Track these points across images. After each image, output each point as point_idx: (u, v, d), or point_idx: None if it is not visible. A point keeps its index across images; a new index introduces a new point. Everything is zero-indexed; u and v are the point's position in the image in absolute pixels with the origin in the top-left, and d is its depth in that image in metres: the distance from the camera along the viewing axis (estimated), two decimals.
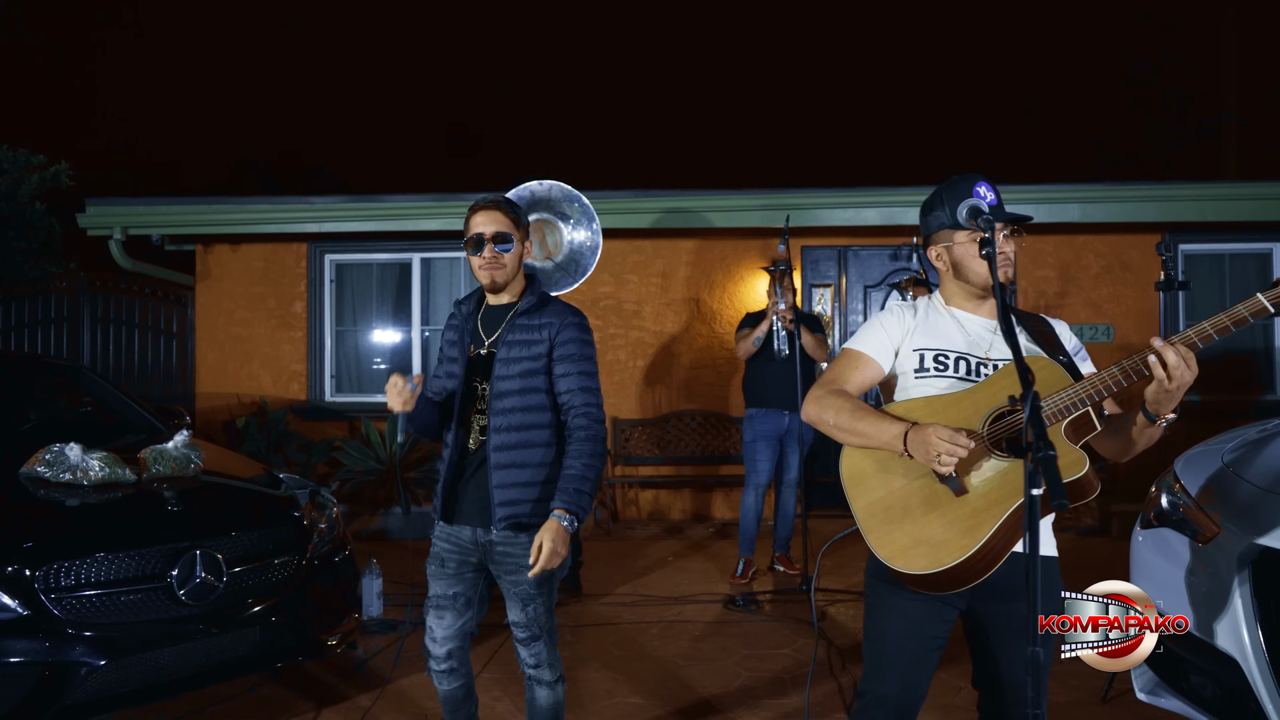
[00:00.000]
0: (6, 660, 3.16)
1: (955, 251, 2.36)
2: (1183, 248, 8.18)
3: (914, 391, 2.34)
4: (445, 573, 2.83)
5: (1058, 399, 2.10)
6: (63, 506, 3.64)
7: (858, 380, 2.40)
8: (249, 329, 8.55)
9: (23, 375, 5.69)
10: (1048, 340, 2.32)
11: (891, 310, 2.47)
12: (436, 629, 2.85)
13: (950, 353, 2.34)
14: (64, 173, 10.41)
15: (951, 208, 2.34)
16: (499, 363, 2.78)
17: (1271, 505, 2.55)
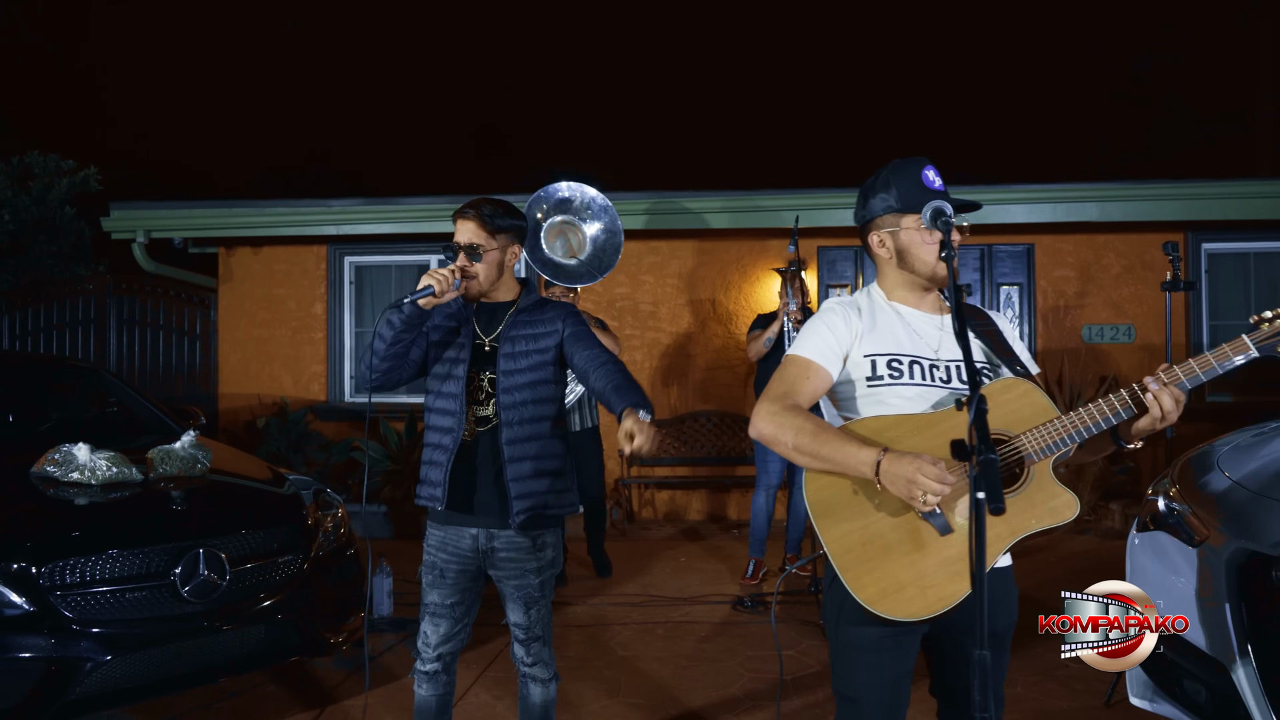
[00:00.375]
0: (13, 655, 3.23)
1: (902, 238, 2.20)
2: (1205, 246, 8.07)
3: (869, 401, 2.17)
4: (444, 582, 2.85)
5: (1047, 434, 1.98)
6: (70, 505, 3.71)
7: (809, 392, 2.18)
8: (270, 330, 8.66)
9: (44, 376, 5.81)
10: (996, 342, 2.21)
11: (835, 310, 2.25)
12: (432, 635, 2.88)
13: (903, 357, 2.17)
14: (93, 177, 10.63)
15: (901, 191, 2.19)
16: (504, 357, 2.80)
17: (1261, 508, 2.51)
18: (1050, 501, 1.95)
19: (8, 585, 3.26)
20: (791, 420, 2.06)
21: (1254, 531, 2.45)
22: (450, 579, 2.84)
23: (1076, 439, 1.97)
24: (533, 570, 2.80)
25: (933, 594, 1.93)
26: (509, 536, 2.78)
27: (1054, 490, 1.97)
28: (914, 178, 2.18)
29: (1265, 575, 2.37)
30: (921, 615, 1.93)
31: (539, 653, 2.87)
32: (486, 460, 2.79)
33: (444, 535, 2.84)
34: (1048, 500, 1.95)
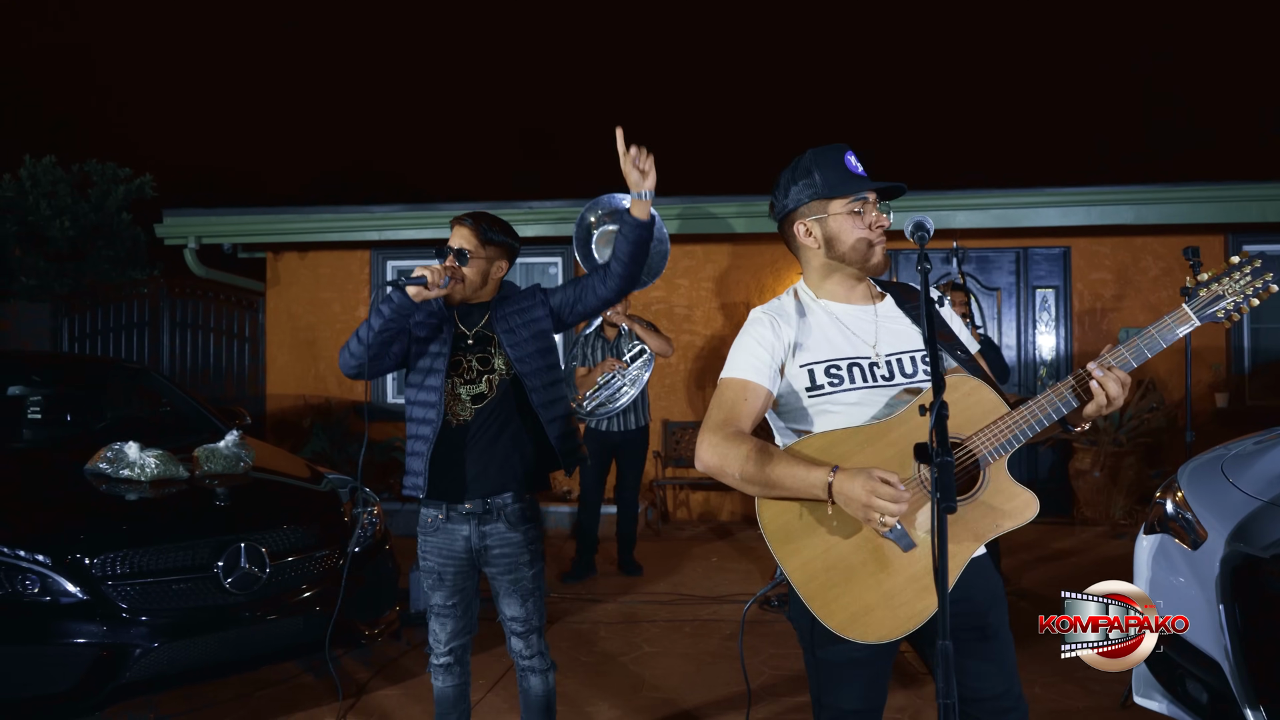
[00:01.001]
0: (68, 641, 3.44)
1: (830, 225, 2.10)
2: (1246, 248, 7.96)
3: (813, 412, 2.08)
4: (444, 585, 2.99)
5: (997, 433, 1.93)
6: (121, 500, 3.93)
7: (751, 414, 2.06)
8: (315, 333, 8.91)
9: (98, 377, 6.07)
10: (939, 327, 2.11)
11: (762, 320, 2.13)
12: (441, 633, 3.03)
13: (841, 361, 2.08)
14: (148, 184, 10.99)
15: (825, 177, 2.10)
16: (507, 335, 2.97)
17: (1257, 512, 2.56)
18: (1009, 503, 1.94)
19: (64, 575, 3.47)
20: (735, 449, 1.97)
21: (1248, 535, 2.51)
22: (449, 580, 2.99)
23: (1027, 434, 1.93)
24: (525, 563, 2.95)
25: (903, 613, 1.90)
26: (500, 533, 2.93)
27: (1012, 491, 1.94)
28: (836, 162, 2.11)
29: (1257, 577, 2.43)
30: (893, 636, 1.91)
31: (536, 644, 3.01)
32: (488, 434, 2.93)
33: (437, 540, 2.98)
34: (1006, 502, 1.94)
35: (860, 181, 2.11)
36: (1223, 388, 7.91)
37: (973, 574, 2.03)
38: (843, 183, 2.09)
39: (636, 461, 6.28)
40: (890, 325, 2.17)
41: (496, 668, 4.45)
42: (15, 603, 3.41)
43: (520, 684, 3.07)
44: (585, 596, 5.78)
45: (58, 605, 3.46)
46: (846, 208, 2.09)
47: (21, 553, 3.47)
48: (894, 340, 2.14)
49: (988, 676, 2.06)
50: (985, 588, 2.09)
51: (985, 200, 7.75)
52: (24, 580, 3.45)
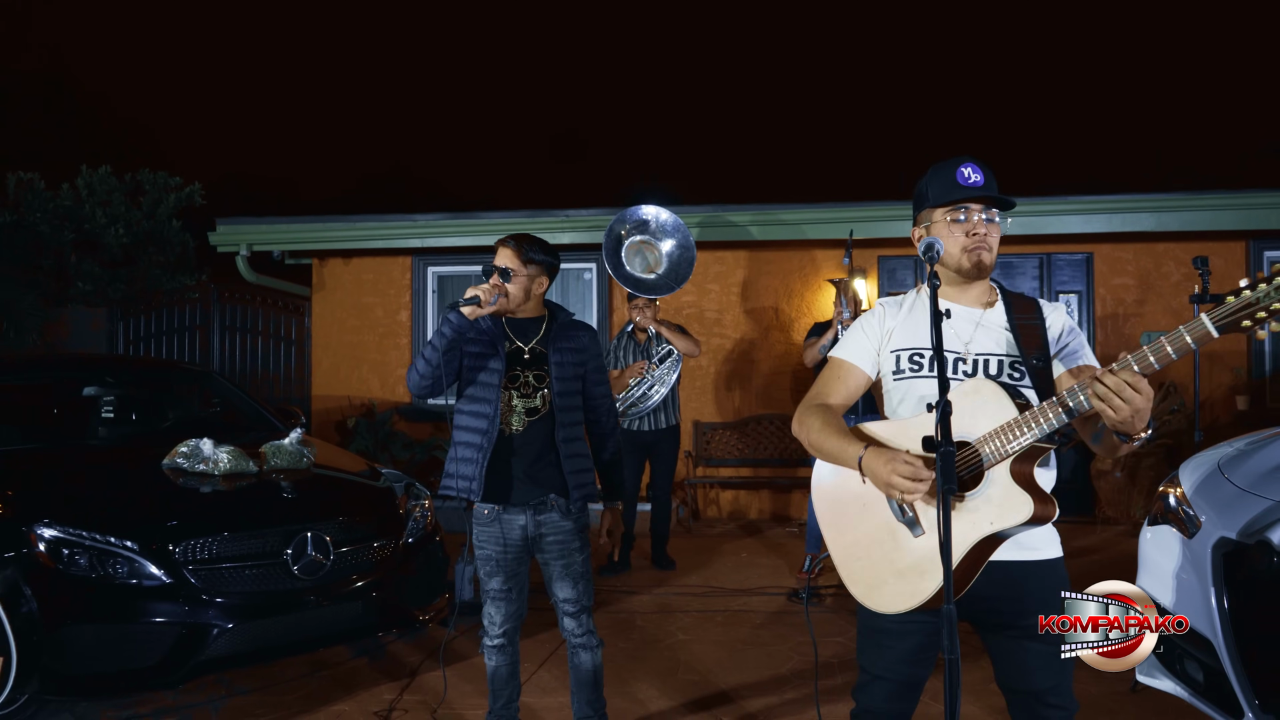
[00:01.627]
0: (153, 620, 3.75)
1: (934, 231, 2.30)
2: (1268, 254, 8.13)
3: (896, 393, 2.33)
4: (500, 570, 3.28)
5: (999, 437, 2.04)
6: (197, 492, 4.25)
7: (843, 391, 2.37)
8: (359, 336, 9.26)
9: (162, 379, 6.43)
10: (1029, 335, 2.25)
11: (875, 310, 2.42)
12: (496, 615, 3.33)
13: (925, 351, 2.28)
14: (197, 192, 11.40)
15: (934, 188, 2.28)
16: (555, 362, 3.27)
17: (1245, 503, 2.79)
18: (1006, 503, 2.04)
19: (150, 560, 3.79)
20: (811, 419, 2.31)
21: (1237, 524, 2.74)
22: (506, 566, 3.27)
23: (1027, 441, 2.01)
24: (577, 549, 3.26)
25: (908, 589, 2.11)
26: (554, 521, 3.22)
27: (1010, 492, 2.04)
28: (948, 175, 2.28)
29: (1243, 562, 2.66)
30: (901, 609, 2.12)
31: (586, 623, 3.30)
32: (537, 446, 3.22)
33: (495, 530, 3.25)
34: (1004, 501, 2.04)
35: (961, 191, 2.26)
36: (1244, 390, 8.06)
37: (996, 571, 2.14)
38: (946, 193, 2.28)
39: (668, 459, 6.56)
40: (990, 330, 2.32)
41: (543, 650, 4.73)
42: (107, 584, 3.73)
43: (571, 660, 3.35)
44: (622, 589, 6.05)
45: (144, 587, 3.77)
46: (946, 216, 2.28)
47: (112, 539, 3.80)
48: (988, 343, 2.30)
49: (1036, 672, 2.22)
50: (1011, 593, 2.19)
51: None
52: (114, 564, 3.77)
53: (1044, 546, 2.26)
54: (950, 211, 2.29)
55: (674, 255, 6.93)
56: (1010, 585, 2.18)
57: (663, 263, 6.93)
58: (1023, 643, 2.22)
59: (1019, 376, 2.26)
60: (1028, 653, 2.22)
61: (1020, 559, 2.21)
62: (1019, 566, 2.20)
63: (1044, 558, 2.24)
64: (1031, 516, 2.02)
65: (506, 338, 3.30)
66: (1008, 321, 2.30)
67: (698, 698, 4.20)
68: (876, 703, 2.35)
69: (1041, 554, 2.24)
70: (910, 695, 2.35)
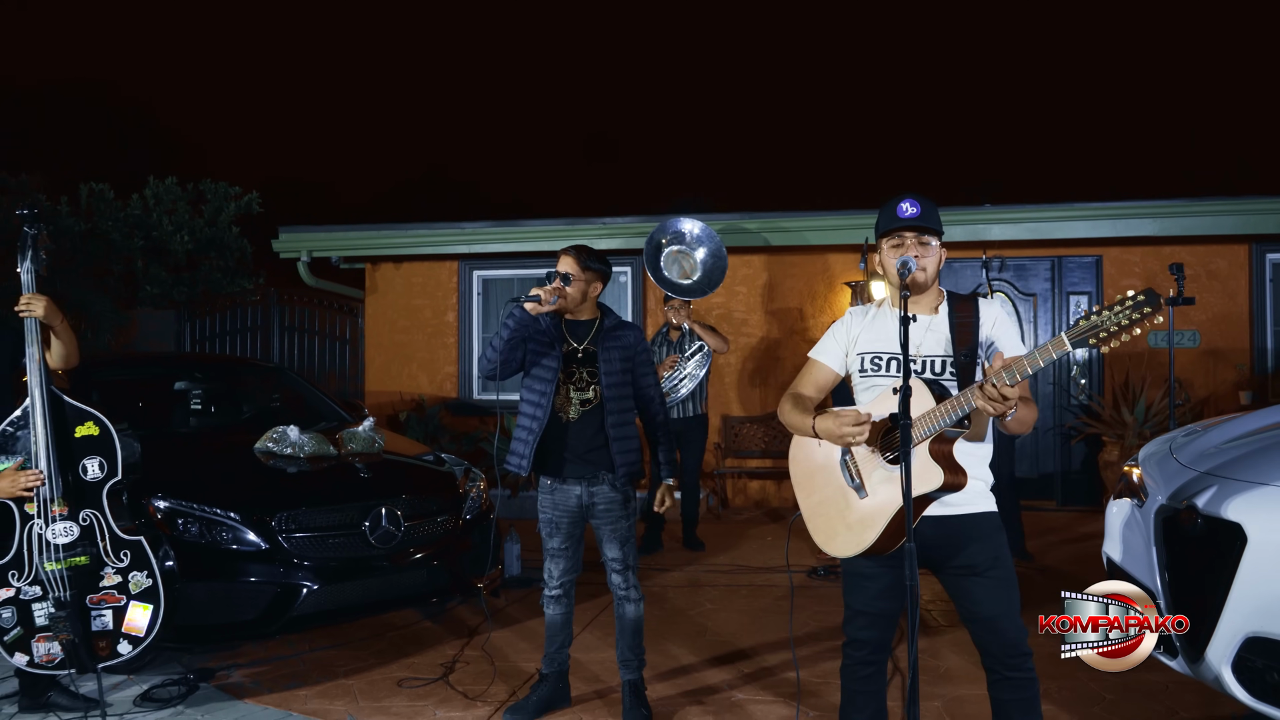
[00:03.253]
0: (256, 580, 4.38)
1: (881, 258, 2.86)
2: (1270, 256, 8.54)
3: (862, 387, 2.87)
4: (559, 531, 3.90)
5: (920, 424, 2.55)
6: (286, 472, 4.87)
7: (813, 383, 2.96)
8: (409, 336, 9.90)
9: (238, 374, 7.10)
10: (963, 334, 2.76)
11: (844, 318, 2.98)
12: (555, 570, 3.94)
13: (884, 354, 2.81)
14: (255, 201, 12.10)
15: (879, 221, 2.82)
16: (604, 359, 3.85)
17: (1182, 476, 3.30)
18: (923, 473, 2.56)
19: (251, 529, 4.42)
20: (785, 404, 2.96)
21: (1174, 493, 3.24)
22: (564, 528, 3.89)
23: (937, 428, 2.54)
24: (623, 516, 3.86)
25: (855, 539, 2.71)
26: (605, 493, 3.83)
27: (927, 465, 2.57)
28: (890, 210, 2.82)
29: (1176, 523, 3.17)
30: (850, 554, 2.74)
31: (630, 579, 3.90)
32: (590, 431, 3.83)
33: (554, 497, 3.89)
34: (921, 472, 2.56)
35: (898, 222, 2.80)
36: (1247, 386, 8.47)
37: (935, 524, 2.70)
38: (886, 224, 2.84)
39: (696, 446, 7.13)
40: (937, 332, 2.82)
41: (587, 615, 5.31)
42: (215, 550, 4.36)
43: (616, 611, 3.93)
44: (654, 567, 6.61)
45: (245, 552, 4.40)
46: (886, 243, 2.84)
47: (218, 511, 4.43)
48: (934, 345, 2.81)
49: (979, 601, 2.75)
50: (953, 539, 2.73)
51: (1019, 215, 8.46)
52: (220, 532, 4.40)
53: (977, 502, 2.76)
54: (889, 239, 2.83)
55: (708, 263, 7.60)
56: (951, 535, 2.74)
57: (697, 270, 7.60)
58: (968, 579, 2.76)
59: (952, 373, 2.78)
60: (973, 586, 2.76)
61: (957, 513, 2.73)
62: (955, 520, 2.74)
63: (976, 511, 2.76)
64: (942, 484, 2.57)
65: (563, 339, 3.88)
66: (949, 323, 2.84)
67: (722, 654, 4.76)
68: (860, 632, 2.92)
69: (974, 508, 2.76)
70: (886, 625, 2.91)
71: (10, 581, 3.65)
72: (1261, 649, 2.84)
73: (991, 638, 2.75)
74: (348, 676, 4.47)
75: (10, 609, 3.65)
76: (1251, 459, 3.19)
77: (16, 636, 3.66)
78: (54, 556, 3.67)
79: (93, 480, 3.78)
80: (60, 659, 3.68)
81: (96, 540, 3.76)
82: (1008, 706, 2.78)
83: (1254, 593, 2.84)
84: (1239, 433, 3.53)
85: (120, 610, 3.76)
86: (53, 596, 3.66)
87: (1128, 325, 2.38)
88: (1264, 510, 2.87)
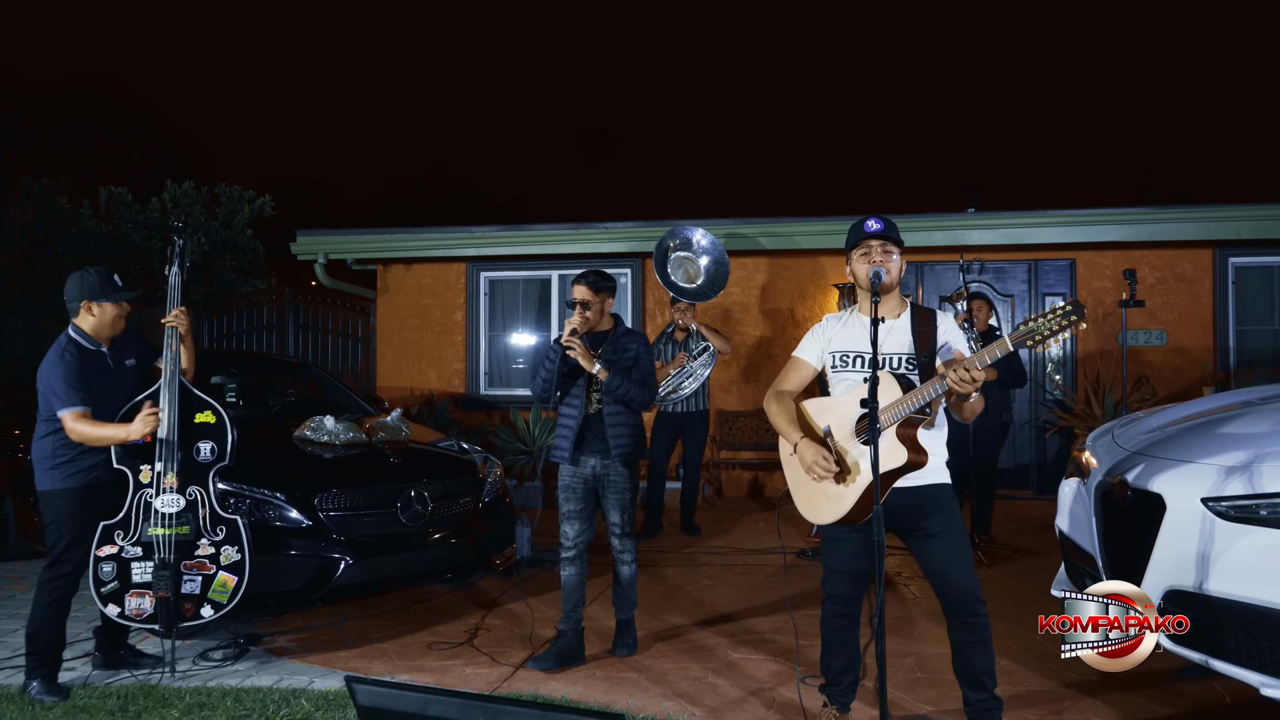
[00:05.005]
0: (298, 554, 4.86)
1: (852, 264, 3.36)
2: (1233, 260, 9.08)
3: (834, 380, 3.42)
4: (574, 496, 4.52)
5: (888, 411, 3.03)
6: (323, 458, 5.36)
7: (795, 379, 3.48)
8: (419, 334, 10.39)
9: (266, 370, 7.58)
10: (923, 339, 3.25)
11: (822, 322, 3.52)
12: (570, 532, 4.52)
13: (851, 353, 3.36)
14: (268, 204, 12.56)
15: (850, 236, 3.34)
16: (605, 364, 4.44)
17: (1118, 455, 3.81)
18: (891, 452, 3.05)
19: (295, 507, 4.91)
20: (772, 405, 3.46)
21: (1110, 470, 3.76)
22: (579, 493, 4.51)
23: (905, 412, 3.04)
24: (627, 488, 4.48)
25: (833, 509, 3.22)
26: (612, 466, 4.44)
27: (894, 445, 3.07)
28: (859, 226, 3.35)
29: (1110, 496, 3.69)
30: (829, 520, 3.25)
31: (626, 544, 4.51)
32: (599, 425, 4.48)
33: (574, 469, 4.52)
34: (889, 451, 3.05)
35: (865, 235, 3.31)
36: (1210, 382, 9.01)
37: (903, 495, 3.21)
38: (855, 237, 3.36)
39: (698, 438, 7.64)
40: (897, 334, 3.33)
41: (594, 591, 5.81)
42: (264, 526, 4.83)
43: (616, 571, 4.51)
44: (654, 549, 7.12)
45: (291, 529, 4.89)
46: (855, 253, 3.37)
47: (265, 491, 4.91)
48: (895, 344, 3.32)
49: (935, 557, 3.29)
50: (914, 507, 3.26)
51: (997, 221, 8.98)
52: (268, 510, 4.89)
53: (933, 475, 3.27)
54: (858, 250, 3.35)
55: (711, 270, 8.13)
56: (913, 503, 3.27)
57: (701, 275, 8.13)
58: (927, 540, 3.30)
59: (913, 369, 3.30)
60: (930, 544, 3.30)
61: (916, 484, 3.26)
62: (915, 490, 3.27)
63: (932, 482, 3.28)
64: (906, 462, 3.08)
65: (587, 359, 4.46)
66: (911, 328, 3.36)
67: (717, 621, 5.27)
68: (837, 589, 3.49)
69: (932, 479, 3.28)
70: (858, 582, 3.47)
71: (115, 540, 4.22)
72: (1178, 600, 3.36)
73: (949, 589, 3.28)
74: (382, 641, 4.96)
75: (112, 564, 4.21)
76: (1172, 441, 3.71)
77: (113, 590, 4.19)
78: (163, 523, 4.23)
79: (203, 461, 4.37)
80: (149, 614, 4.20)
81: (198, 514, 4.32)
82: (965, 647, 3.30)
83: (1171, 552, 3.35)
84: (1168, 420, 4.06)
85: (209, 578, 4.29)
86: (158, 558, 4.21)
87: (1057, 330, 2.91)
88: (1179, 482, 3.39)
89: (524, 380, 10.18)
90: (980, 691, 3.34)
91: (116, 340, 4.47)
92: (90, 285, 4.34)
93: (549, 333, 10.19)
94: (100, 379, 4.30)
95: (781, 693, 4.15)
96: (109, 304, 4.35)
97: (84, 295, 4.33)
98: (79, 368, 4.20)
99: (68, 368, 4.18)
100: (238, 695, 4.10)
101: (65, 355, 4.21)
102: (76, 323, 4.35)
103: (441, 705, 1.82)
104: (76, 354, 4.24)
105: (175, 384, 4.37)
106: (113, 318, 4.38)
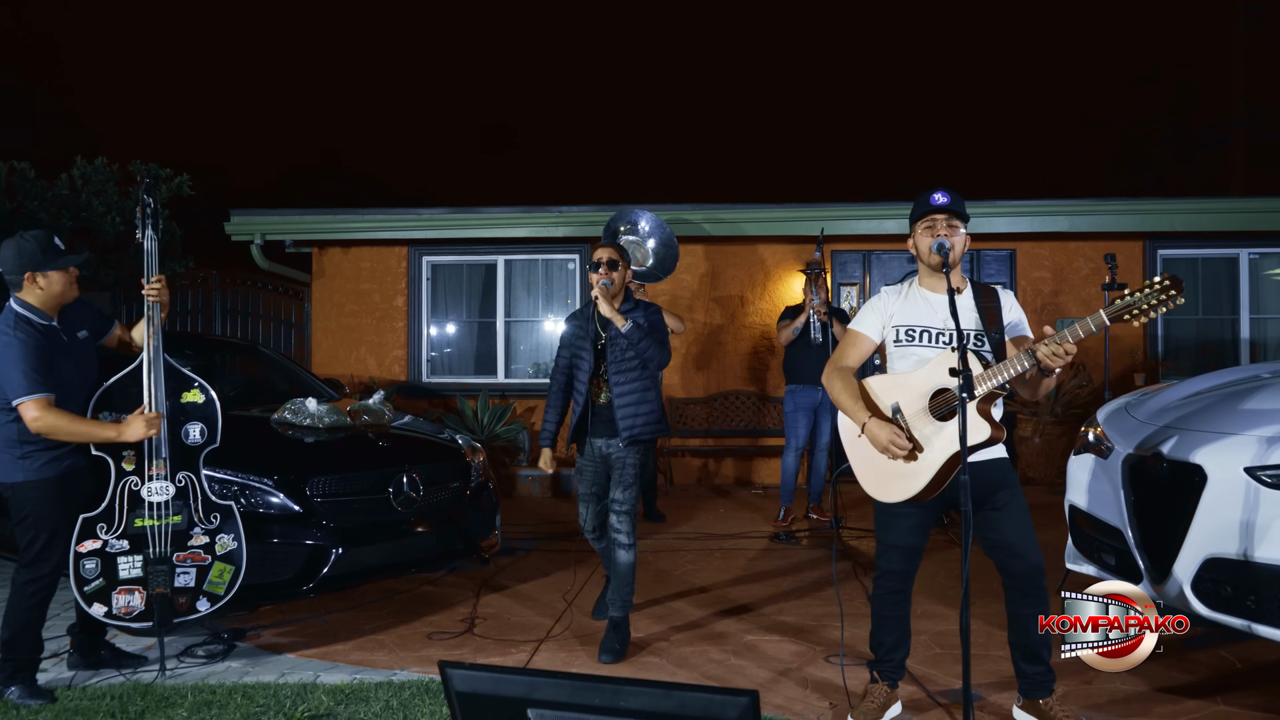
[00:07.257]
0: (289, 541, 4.61)
1: (914, 240, 3.34)
2: (1161, 252, 9.49)
3: (896, 354, 3.36)
4: (586, 479, 4.47)
5: (979, 384, 3.00)
6: (307, 441, 5.09)
7: (857, 354, 3.40)
8: (357, 320, 10.03)
9: (210, 352, 7.18)
10: (990, 315, 3.23)
11: (880, 295, 3.46)
12: (585, 513, 4.52)
13: (917, 327, 3.30)
14: (186, 183, 11.91)
15: (914, 209, 3.29)
16: (612, 350, 4.36)
17: (1143, 430, 3.91)
18: (974, 428, 2.98)
19: (286, 494, 4.65)
20: (835, 381, 3.38)
21: (1137, 444, 3.85)
22: (589, 475, 4.47)
23: (993, 385, 3.00)
24: (632, 466, 4.37)
25: (905, 486, 3.19)
26: (618, 444, 4.35)
27: (976, 420, 3.03)
28: (924, 199, 3.31)
29: (1142, 470, 3.78)
30: (900, 499, 3.22)
31: (626, 524, 4.36)
32: (608, 411, 4.38)
33: (587, 450, 4.45)
34: (972, 427, 2.98)
35: (930, 208, 3.28)
36: (1141, 369, 9.40)
37: (978, 469, 3.19)
38: (919, 210, 3.33)
39: None
40: (963, 311, 3.22)
41: (592, 579, 5.68)
42: (254, 513, 4.56)
43: (613, 555, 4.39)
44: None
45: (282, 515, 4.63)
46: (919, 227, 3.35)
47: (253, 477, 4.64)
48: (965, 321, 3.19)
49: (1002, 530, 3.28)
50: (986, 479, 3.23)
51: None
52: (255, 497, 4.61)
53: (997, 450, 3.29)
54: (922, 223, 3.33)
55: (659, 252, 8.05)
56: (980, 478, 3.22)
57: (650, 258, 8.05)
58: (990, 512, 3.30)
59: (982, 344, 3.27)
60: (997, 518, 3.29)
61: (983, 459, 3.25)
62: (981, 465, 3.25)
63: (996, 457, 3.32)
64: (989, 437, 3.08)
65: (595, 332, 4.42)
66: (975, 304, 3.33)
67: (718, 605, 5.21)
68: (894, 564, 3.45)
69: (996, 454, 3.31)
70: (913, 557, 3.44)
71: (98, 534, 3.85)
72: (1217, 568, 3.45)
73: (1015, 561, 3.28)
74: (376, 633, 4.74)
75: (95, 560, 3.84)
76: (1204, 414, 3.82)
77: (98, 588, 3.84)
78: (152, 514, 3.90)
79: (193, 444, 4.02)
80: (139, 611, 3.88)
81: (190, 501, 3.99)
82: (1025, 620, 3.30)
83: (1212, 521, 3.44)
84: (1188, 393, 4.18)
85: (204, 569, 3.98)
86: (154, 552, 3.89)
87: (1157, 304, 2.86)
88: (1221, 454, 3.49)
89: (467, 366, 9.95)
90: (1037, 664, 3.36)
91: (64, 311, 3.96)
92: (30, 254, 3.79)
93: (495, 319, 9.97)
94: (60, 359, 3.84)
95: (810, 672, 4.12)
96: (55, 273, 3.84)
97: (25, 266, 3.78)
98: (36, 347, 3.72)
99: (24, 348, 3.69)
100: (246, 692, 3.85)
101: (18, 334, 3.73)
102: (21, 296, 3.83)
103: (551, 688, 1.67)
104: (30, 332, 3.75)
105: (160, 362, 4.03)
106: (63, 287, 3.88)
